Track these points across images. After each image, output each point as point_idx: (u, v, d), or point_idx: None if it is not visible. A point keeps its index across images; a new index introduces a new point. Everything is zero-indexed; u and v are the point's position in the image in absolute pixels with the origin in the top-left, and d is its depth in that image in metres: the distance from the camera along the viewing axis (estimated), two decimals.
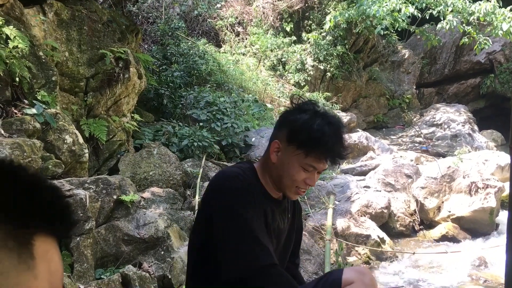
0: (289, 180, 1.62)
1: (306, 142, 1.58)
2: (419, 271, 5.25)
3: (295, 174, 1.61)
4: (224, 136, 6.50)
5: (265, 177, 1.69)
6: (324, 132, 1.59)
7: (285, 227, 1.78)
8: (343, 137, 1.65)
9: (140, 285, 3.32)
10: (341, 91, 12.29)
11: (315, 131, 1.58)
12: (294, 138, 1.61)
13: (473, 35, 9.59)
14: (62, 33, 4.40)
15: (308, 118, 1.63)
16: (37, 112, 3.58)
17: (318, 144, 1.58)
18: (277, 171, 1.65)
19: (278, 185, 1.67)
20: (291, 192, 1.66)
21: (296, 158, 1.60)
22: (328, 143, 1.58)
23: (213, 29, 11.92)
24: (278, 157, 1.64)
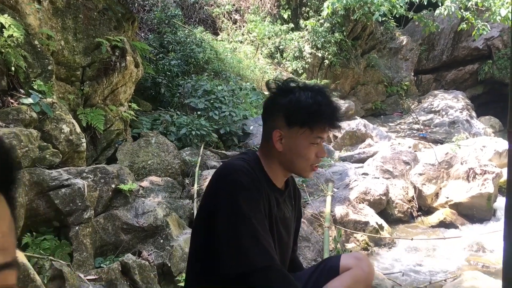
0: (304, 160, 1.65)
1: (308, 118, 1.60)
2: (417, 257, 5.28)
3: (307, 153, 1.64)
4: (222, 124, 6.49)
5: (271, 166, 1.69)
6: (319, 102, 1.62)
7: (291, 215, 1.79)
8: (334, 100, 1.69)
9: (140, 273, 3.33)
10: (339, 78, 12.27)
11: (312, 105, 1.61)
12: (295, 119, 1.62)
13: (471, 20, 9.54)
14: (58, 21, 4.36)
15: (298, 95, 1.64)
16: (34, 102, 3.55)
17: (319, 115, 1.61)
18: (287, 158, 1.65)
19: (291, 170, 1.70)
20: (307, 171, 1.69)
21: (303, 137, 1.62)
22: (327, 111, 1.62)
23: (210, 17, 11.84)
24: (283, 145, 1.64)
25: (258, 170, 1.64)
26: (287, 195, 1.79)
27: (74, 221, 3.27)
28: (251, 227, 1.50)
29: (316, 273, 1.81)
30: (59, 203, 3.21)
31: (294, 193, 1.88)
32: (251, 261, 1.48)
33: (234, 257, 1.49)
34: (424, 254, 5.35)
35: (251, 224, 1.50)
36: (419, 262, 5.15)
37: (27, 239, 3.03)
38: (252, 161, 1.66)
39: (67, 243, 3.22)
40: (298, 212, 1.95)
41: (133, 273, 3.30)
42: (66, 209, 3.23)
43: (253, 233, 1.49)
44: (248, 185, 1.53)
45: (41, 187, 3.18)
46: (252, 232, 1.49)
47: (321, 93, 1.65)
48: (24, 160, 3.15)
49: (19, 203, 2.97)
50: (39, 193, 3.18)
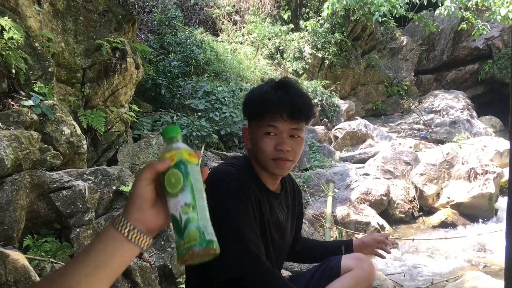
0: (262, 153, 1.58)
1: (254, 106, 1.59)
2: (418, 257, 5.28)
3: (262, 145, 1.57)
4: (223, 125, 6.48)
5: (259, 169, 1.67)
6: (264, 90, 1.59)
7: (286, 218, 1.77)
8: (290, 89, 1.60)
9: (141, 274, 3.33)
10: (339, 79, 12.26)
11: (256, 92, 1.61)
12: (247, 111, 1.62)
13: (472, 20, 9.54)
14: (58, 23, 4.36)
15: (255, 88, 1.65)
16: (34, 104, 3.55)
17: (262, 101, 1.56)
18: (254, 153, 1.63)
19: (263, 168, 1.63)
20: (272, 166, 1.60)
21: (257, 128, 1.59)
22: (270, 96, 1.56)
23: (210, 18, 11.84)
24: (250, 141, 1.64)
25: (248, 174, 1.62)
26: (283, 197, 1.77)
27: (75, 223, 3.26)
28: (239, 232, 1.47)
29: (318, 274, 1.81)
30: (60, 205, 3.21)
31: (293, 193, 1.86)
32: (239, 266, 1.46)
33: (223, 263, 1.46)
34: (426, 254, 5.34)
35: (239, 229, 1.48)
36: (420, 262, 5.15)
37: (28, 241, 3.03)
38: (241, 166, 1.64)
39: (68, 245, 3.22)
40: (299, 210, 1.94)
41: (134, 275, 3.30)
42: (67, 211, 3.23)
43: (241, 238, 1.47)
44: (236, 190, 1.51)
45: (42, 189, 3.18)
46: (240, 237, 1.47)
47: (272, 82, 1.63)
48: (25, 162, 3.15)
49: (19, 205, 2.97)
50: (40, 195, 3.18)
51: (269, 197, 1.67)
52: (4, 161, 2.94)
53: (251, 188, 1.57)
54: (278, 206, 1.72)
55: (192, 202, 0.84)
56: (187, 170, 0.86)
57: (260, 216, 1.59)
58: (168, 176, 0.86)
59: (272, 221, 1.66)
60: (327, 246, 2.06)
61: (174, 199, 0.84)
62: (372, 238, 1.98)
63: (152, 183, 0.86)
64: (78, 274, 0.75)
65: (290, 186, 1.85)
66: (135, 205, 0.84)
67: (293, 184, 1.90)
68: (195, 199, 0.85)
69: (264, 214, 1.62)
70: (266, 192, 1.66)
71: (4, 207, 2.87)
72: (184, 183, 0.85)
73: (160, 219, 0.85)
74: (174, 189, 0.85)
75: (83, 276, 0.75)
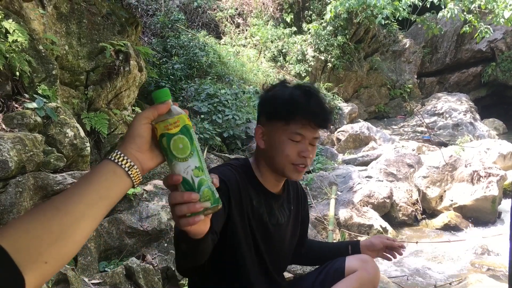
0: (282, 157, 1.57)
1: (281, 109, 1.56)
2: (421, 260, 5.27)
3: (285, 149, 1.56)
4: (226, 128, 6.49)
5: (260, 170, 1.66)
6: (294, 94, 1.58)
7: (287, 220, 1.74)
8: (317, 96, 1.61)
9: (144, 277, 3.33)
10: (342, 81, 12.27)
11: (286, 96, 1.58)
12: (271, 112, 1.60)
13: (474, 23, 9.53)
14: (62, 26, 4.38)
15: (278, 90, 1.63)
16: (38, 106, 3.57)
17: (293, 106, 1.55)
18: (269, 155, 1.61)
19: (276, 170, 1.62)
20: (290, 171, 1.59)
21: (280, 131, 1.57)
22: (302, 103, 1.55)
23: (213, 21, 11.87)
24: (265, 141, 1.61)
25: (246, 176, 1.62)
26: (285, 199, 1.75)
27: None
28: None
29: (322, 275, 1.80)
30: None
31: (297, 197, 1.85)
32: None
33: None
34: (429, 257, 5.33)
35: None
36: (424, 265, 5.13)
37: None
38: (240, 167, 1.63)
39: None
40: (304, 213, 1.92)
41: (137, 277, 3.30)
42: None
43: None
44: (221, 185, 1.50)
45: (46, 191, 3.19)
46: None
47: (301, 88, 1.61)
48: (29, 165, 3.16)
49: (23, 207, 2.98)
50: (44, 197, 3.19)
51: (268, 199, 1.66)
52: (8, 163, 2.95)
53: (243, 188, 1.56)
54: (279, 208, 1.70)
55: (200, 165, 0.91)
56: (192, 135, 0.91)
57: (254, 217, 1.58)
58: (175, 142, 0.89)
59: (272, 224, 1.65)
60: (333, 247, 2.04)
61: (183, 163, 0.89)
62: (381, 241, 1.96)
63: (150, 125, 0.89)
64: (82, 204, 0.77)
65: (294, 189, 1.84)
66: (135, 143, 0.87)
67: (297, 187, 1.88)
68: (201, 161, 0.91)
69: (263, 216, 1.61)
70: (264, 194, 1.65)
71: (8, 209, 2.88)
72: (191, 147, 0.90)
73: (154, 161, 0.90)
74: (183, 154, 0.89)
75: (88, 206, 0.77)
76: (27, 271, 0.67)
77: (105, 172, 0.82)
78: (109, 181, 0.82)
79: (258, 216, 1.59)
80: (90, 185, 0.80)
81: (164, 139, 0.89)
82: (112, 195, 0.82)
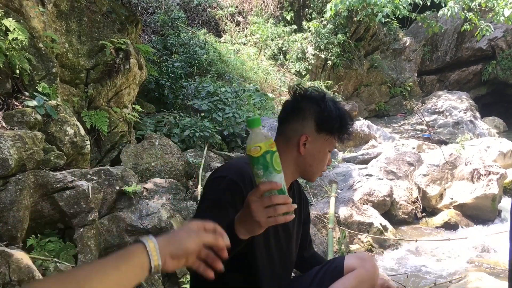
0: (321, 165, 1.73)
1: (338, 127, 1.70)
2: (421, 258, 5.27)
3: (325, 158, 1.73)
4: (226, 126, 6.49)
5: None
6: (342, 112, 1.72)
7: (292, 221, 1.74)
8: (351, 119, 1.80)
9: None
10: (342, 79, 12.26)
11: (342, 116, 1.71)
12: (325, 126, 1.69)
13: (475, 21, 9.52)
14: (62, 24, 4.37)
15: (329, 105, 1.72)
16: (38, 104, 3.57)
17: (345, 126, 1.72)
18: (306, 161, 1.70)
19: (304, 174, 1.74)
20: (316, 175, 1.76)
21: (326, 144, 1.71)
22: (347, 123, 1.74)
23: (213, 19, 11.86)
24: (306, 149, 1.69)
25: None
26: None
27: (78, 223, 3.28)
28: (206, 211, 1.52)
29: (321, 273, 1.80)
30: (64, 205, 3.23)
31: (299, 197, 1.87)
32: None
33: None
34: (429, 255, 5.33)
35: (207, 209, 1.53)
36: (423, 263, 5.14)
37: (32, 241, 3.04)
38: None
39: (72, 245, 3.23)
40: (306, 216, 1.95)
41: None
42: (70, 211, 3.24)
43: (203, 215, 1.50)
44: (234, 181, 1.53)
45: (46, 189, 3.20)
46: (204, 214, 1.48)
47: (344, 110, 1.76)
48: (29, 163, 3.16)
49: (23, 205, 2.98)
50: (44, 195, 3.20)
51: None
52: (8, 161, 2.95)
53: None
54: None
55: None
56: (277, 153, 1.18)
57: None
58: (276, 157, 1.15)
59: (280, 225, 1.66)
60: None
61: (280, 174, 1.16)
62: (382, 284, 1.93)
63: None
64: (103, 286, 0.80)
65: (297, 190, 1.86)
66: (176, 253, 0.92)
67: (300, 189, 1.90)
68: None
69: None
70: None
71: (8, 207, 2.89)
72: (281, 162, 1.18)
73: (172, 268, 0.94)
74: (279, 167, 1.16)
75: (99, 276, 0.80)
76: None
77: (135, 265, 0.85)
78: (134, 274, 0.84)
79: None
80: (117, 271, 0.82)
81: (268, 155, 1.15)
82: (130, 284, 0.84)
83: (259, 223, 1.18)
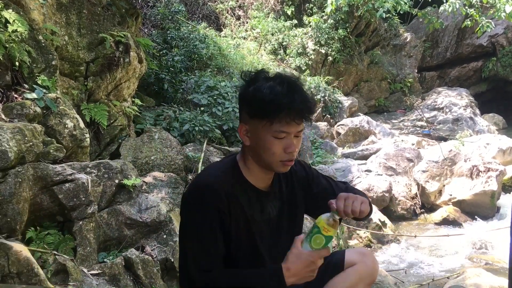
0: (269, 155, 1.54)
1: (264, 110, 1.50)
2: (420, 254, 5.28)
3: (271, 147, 1.52)
4: (225, 120, 6.48)
5: (248, 166, 1.62)
6: (276, 92, 1.50)
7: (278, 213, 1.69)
8: (300, 91, 1.54)
9: (143, 268, 3.34)
10: (342, 75, 12.23)
11: (268, 95, 1.50)
12: (253, 111, 1.53)
13: (476, 17, 9.48)
14: (62, 16, 4.35)
15: (259, 86, 1.54)
16: (38, 97, 3.56)
17: (276, 106, 1.48)
18: (255, 151, 1.57)
19: (263, 165, 1.59)
20: (278, 166, 1.57)
21: (264, 130, 1.51)
22: (285, 101, 1.49)
23: (214, 13, 11.81)
24: (250, 138, 1.57)
25: (233, 178, 1.59)
26: (277, 191, 1.70)
27: (77, 216, 3.27)
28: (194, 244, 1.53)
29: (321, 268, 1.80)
30: (63, 198, 3.22)
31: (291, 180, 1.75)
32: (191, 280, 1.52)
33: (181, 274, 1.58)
34: (427, 251, 5.35)
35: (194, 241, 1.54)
36: (422, 259, 5.15)
37: (31, 233, 3.04)
38: (227, 170, 1.61)
39: (71, 238, 3.23)
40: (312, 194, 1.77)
41: (136, 268, 3.31)
42: (69, 204, 3.24)
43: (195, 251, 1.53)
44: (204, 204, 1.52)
45: (45, 182, 3.19)
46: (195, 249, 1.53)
47: (283, 83, 1.53)
48: (28, 155, 3.15)
49: (23, 197, 2.98)
50: (43, 187, 3.19)
51: (260, 197, 1.63)
52: (8, 153, 2.95)
53: (232, 197, 1.55)
54: (270, 203, 1.67)
55: None
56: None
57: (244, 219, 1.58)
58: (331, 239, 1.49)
59: (263, 220, 1.63)
60: None
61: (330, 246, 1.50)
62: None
63: None
64: None
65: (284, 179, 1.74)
66: None
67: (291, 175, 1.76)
68: None
69: (254, 216, 1.59)
70: (254, 192, 1.62)
71: (7, 199, 2.88)
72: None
73: None
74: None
75: None
76: None
77: None
78: None
79: (251, 218, 1.58)
80: None
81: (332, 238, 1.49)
82: None
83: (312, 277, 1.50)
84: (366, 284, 1.77)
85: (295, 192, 1.77)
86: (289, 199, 1.74)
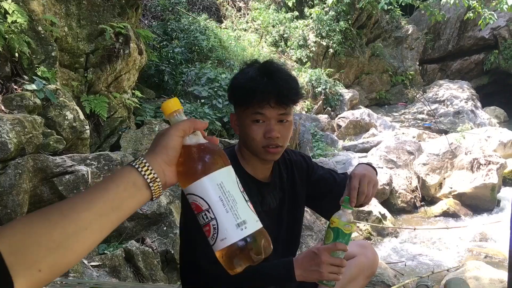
0: (252, 141, 1.53)
1: (238, 95, 1.52)
2: (420, 246, 5.29)
3: (250, 132, 1.52)
4: (226, 112, 6.47)
5: (245, 157, 1.61)
6: (248, 77, 1.51)
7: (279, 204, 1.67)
8: (275, 74, 1.52)
9: (143, 260, 3.35)
10: (343, 67, 12.19)
11: (240, 80, 1.53)
12: (232, 98, 1.56)
13: (478, 9, 9.43)
14: (61, 7, 4.33)
15: (238, 73, 1.58)
16: (37, 88, 3.55)
17: (247, 89, 1.49)
18: (243, 140, 1.58)
19: (254, 154, 1.58)
20: (262, 153, 1.55)
21: (244, 116, 1.52)
22: (255, 84, 1.48)
23: (214, 4, 11.75)
24: (238, 127, 1.58)
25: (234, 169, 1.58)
26: (278, 181, 1.68)
27: None
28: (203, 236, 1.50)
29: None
30: (63, 190, 3.22)
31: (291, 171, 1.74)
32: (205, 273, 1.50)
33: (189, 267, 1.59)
34: (427, 244, 5.35)
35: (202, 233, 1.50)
36: (421, 252, 5.16)
37: None
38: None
39: None
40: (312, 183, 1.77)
41: (137, 260, 3.32)
42: (70, 195, 3.24)
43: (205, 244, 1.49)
44: None
45: (45, 174, 3.19)
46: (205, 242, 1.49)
47: (259, 69, 1.54)
48: (28, 147, 3.15)
49: (23, 189, 2.98)
50: (43, 179, 3.19)
51: (260, 188, 1.61)
52: (7, 144, 2.94)
53: None
54: (270, 193, 1.65)
55: None
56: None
57: None
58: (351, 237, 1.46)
59: (264, 211, 1.61)
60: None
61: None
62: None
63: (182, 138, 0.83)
64: (91, 213, 0.70)
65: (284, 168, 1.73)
66: (167, 155, 0.79)
67: (292, 166, 1.75)
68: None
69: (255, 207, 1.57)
70: (255, 183, 1.61)
71: (7, 190, 2.88)
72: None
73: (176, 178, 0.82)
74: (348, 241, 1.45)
75: (97, 216, 0.71)
76: (18, 276, 0.60)
77: (125, 181, 0.75)
78: (126, 192, 0.74)
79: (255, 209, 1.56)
80: (106, 192, 0.73)
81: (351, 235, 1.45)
82: (126, 207, 0.75)
83: (320, 274, 1.39)
84: (366, 276, 1.77)
85: (296, 183, 1.75)
86: (290, 190, 1.73)
